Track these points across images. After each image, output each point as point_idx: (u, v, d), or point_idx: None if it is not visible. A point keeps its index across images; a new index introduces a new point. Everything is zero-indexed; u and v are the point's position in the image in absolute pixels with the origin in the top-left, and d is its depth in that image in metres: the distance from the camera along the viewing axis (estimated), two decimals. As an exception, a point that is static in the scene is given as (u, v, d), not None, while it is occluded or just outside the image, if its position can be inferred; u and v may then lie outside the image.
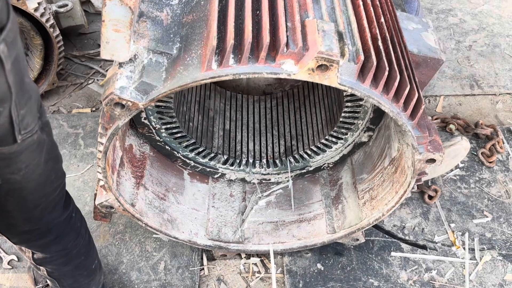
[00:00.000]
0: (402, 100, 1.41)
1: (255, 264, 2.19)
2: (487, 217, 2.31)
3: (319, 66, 1.26)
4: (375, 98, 1.37)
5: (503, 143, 2.58)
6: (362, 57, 1.32)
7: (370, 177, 2.01)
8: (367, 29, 1.42)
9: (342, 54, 1.31)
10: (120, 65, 1.40)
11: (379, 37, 1.43)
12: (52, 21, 2.54)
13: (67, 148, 2.61)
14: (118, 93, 1.34)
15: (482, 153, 2.52)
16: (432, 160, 1.59)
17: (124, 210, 1.84)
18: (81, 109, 2.81)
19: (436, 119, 2.66)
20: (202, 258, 2.21)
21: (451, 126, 2.60)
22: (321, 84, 2.31)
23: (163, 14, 1.48)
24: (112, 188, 1.73)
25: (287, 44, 1.28)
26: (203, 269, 2.17)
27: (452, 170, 2.48)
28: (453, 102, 2.82)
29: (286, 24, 1.33)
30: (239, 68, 1.28)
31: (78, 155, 2.58)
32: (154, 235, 2.26)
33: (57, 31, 2.58)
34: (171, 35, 1.44)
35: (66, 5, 2.76)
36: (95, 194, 1.84)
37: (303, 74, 1.28)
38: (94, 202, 1.85)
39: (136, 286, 2.10)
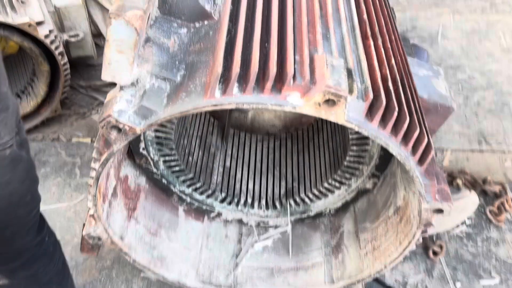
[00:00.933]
0: (411, 144, 1.35)
1: (247, 312, 2.06)
2: (494, 278, 2.18)
3: (326, 101, 1.21)
4: (383, 139, 1.31)
5: (512, 202, 2.49)
6: (371, 96, 1.27)
7: (374, 226, 1.92)
8: (377, 69, 1.38)
9: (351, 91, 1.26)
10: (121, 88, 1.36)
11: (389, 77, 1.39)
12: (61, 49, 2.54)
13: (62, 176, 2.54)
14: (116, 116, 1.29)
15: (490, 211, 2.43)
16: (440, 211, 1.51)
17: (112, 243, 1.75)
18: (81, 138, 2.76)
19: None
20: (190, 302, 2.07)
21: (458, 181, 2.52)
22: (327, 127, 2.27)
23: (170, 41, 1.45)
24: (102, 218, 1.64)
25: (294, 77, 1.24)
26: (191, 313, 2.04)
27: (458, 226, 2.38)
28: (460, 157, 2.75)
29: (294, 57, 1.29)
30: (243, 98, 1.23)
31: (72, 185, 2.51)
32: (142, 275, 2.14)
33: (65, 59, 2.58)
34: (176, 62, 1.41)
35: (78, 35, 2.78)
36: (84, 225, 1.75)
37: (309, 107, 1.23)
38: (82, 233, 1.76)
39: (117, 327, 1.97)
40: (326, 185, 2.03)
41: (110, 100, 1.34)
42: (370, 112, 1.30)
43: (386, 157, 1.86)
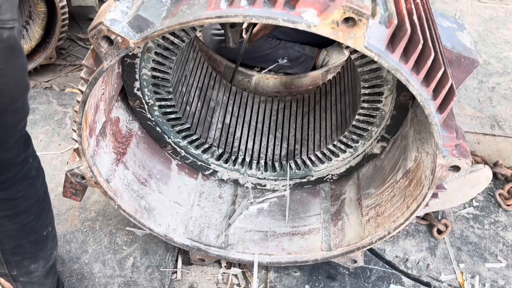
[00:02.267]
0: (433, 85, 1.22)
1: (235, 275, 1.93)
2: (501, 262, 2.05)
3: (346, 20, 1.07)
4: (404, 74, 1.17)
5: (523, 187, 2.36)
6: (395, 21, 1.13)
7: (379, 192, 1.79)
8: (402, 0, 1.24)
9: (373, 14, 1.13)
10: (117, -2, 1.22)
11: (414, 12, 1.25)
12: (60, -10, 2.40)
13: (51, 125, 2.41)
14: (108, 24, 1.15)
15: (499, 194, 2.29)
16: (457, 168, 1.37)
17: (97, 183, 1.61)
18: (74, 89, 2.62)
19: (452, 153, 2.44)
20: (176, 261, 1.94)
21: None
22: (335, 89, 2.13)
23: (175, -44, 1.31)
24: (86, 153, 1.50)
25: (311, -8, 1.10)
26: (175, 272, 1.91)
27: (465, 208, 2.25)
28: (472, 139, 2.62)
29: (312, -26, 1.15)
30: (251, 10, 1.09)
31: (61, 134, 2.37)
32: (127, 228, 2.01)
33: (64, 2, 2.44)
34: (180, -23, 1.27)
35: (80, -19, 2.64)
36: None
37: (325, 27, 1.09)
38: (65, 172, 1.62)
39: (97, 280, 1.83)
40: (331, 147, 1.89)
41: (103, 9, 1.20)
42: (392, 42, 1.17)
43: (398, 117, 1.73)
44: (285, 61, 2.82)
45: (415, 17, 1.23)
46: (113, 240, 1.96)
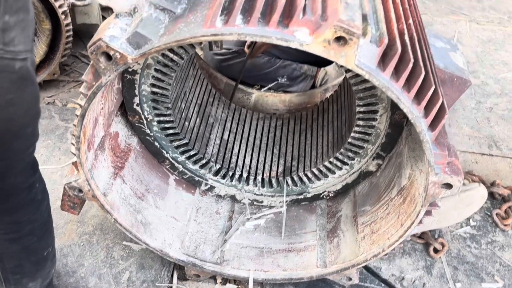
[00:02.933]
0: (424, 103, 1.24)
1: (231, 291, 1.93)
2: (498, 282, 2.04)
3: (337, 39, 1.10)
4: (395, 92, 1.20)
5: (521, 208, 2.36)
6: (386, 40, 1.17)
7: (374, 209, 1.80)
8: (393, 21, 1.28)
9: (364, 33, 1.16)
10: (117, 16, 1.26)
11: (406, 32, 1.28)
12: (65, 8, 2.46)
13: (52, 139, 2.44)
14: (107, 41, 1.19)
15: (497, 214, 2.30)
16: (449, 185, 1.39)
17: (94, 197, 1.63)
18: (76, 104, 2.65)
19: (449, 172, 2.45)
20: (172, 276, 1.95)
21: (465, 181, 2.39)
22: (333, 107, 2.16)
23: (174, -24, 1.36)
24: (84, 166, 1.53)
25: (304, 11, 1.14)
26: (171, 287, 1.91)
27: (462, 227, 2.25)
28: (469, 159, 2.63)
29: (306, -5, 1.19)
30: (246, 29, 1.13)
31: (62, 148, 2.40)
32: (124, 242, 2.02)
33: (68, 20, 2.49)
34: (179, -4, 1.31)
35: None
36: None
37: (317, 46, 1.12)
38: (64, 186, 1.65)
39: (92, 294, 1.84)
40: (327, 164, 1.91)
41: (103, 26, 1.24)
42: (383, 60, 1.20)
43: (393, 135, 1.75)
44: (285, 79, 2.86)
45: (406, 37, 1.26)
46: (110, 254, 1.97)
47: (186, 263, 1.86)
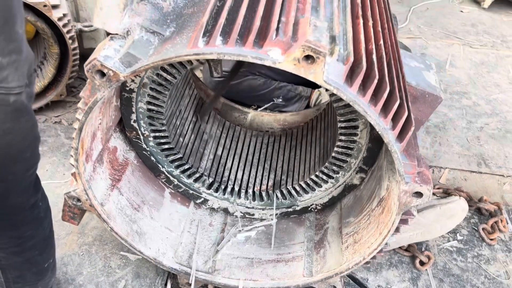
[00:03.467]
0: (390, 116, 1.35)
1: (221, 300, 2.01)
2: (482, 294, 2.10)
3: (306, 57, 1.23)
4: (361, 105, 1.31)
5: (507, 223, 2.43)
6: (351, 59, 1.28)
7: (357, 220, 1.89)
8: (362, 41, 1.40)
9: (331, 53, 1.28)
10: (111, 38, 1.40)
11: (374, 52, 1.40)
12: (73, 33, 2.62)
13: (58, 156, 2.58)
14: (102, 60, 1.32)
15: (483, 228, 2.36)
16: (420, 194, 1.48)
17: (91, 206, 1.75)
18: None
19: (438, 188, 2.54)
20: (166, 284, 2.04)
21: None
22: (320, 124, 2.27)
23: (165, 3, 1.50)
24: (82, 177, 1.65)
25: (276, 33, 1.26)
26: (164, 295, 2.00)
27: (449, 241, 2.32)
28: (458, 176, 2.72)
29: (279, 19, 1.32)
30: (225, 49, 1.26)
31: (67, 165, 2.53)
32: (121, 252, 2.12)
33: (75, 44, 2.66)
34: (168, 21, 1.45)
35: (91, 25, 2.87)
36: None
37: (289, 63, 1.25)
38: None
39: (89, 301, 1.94)
40: (313, 177, 2.01)
41: (99, 47, 1.38)
42: (351, 78, 1.31)
43: (374, 149, 1.85)
44: (280, 100, 2.99)
45: (374, 56, 1.38)
46: (107, 263, 2.08)
47: (179, 271, 1.96)
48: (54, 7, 2.53)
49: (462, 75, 3.57)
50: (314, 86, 3.02)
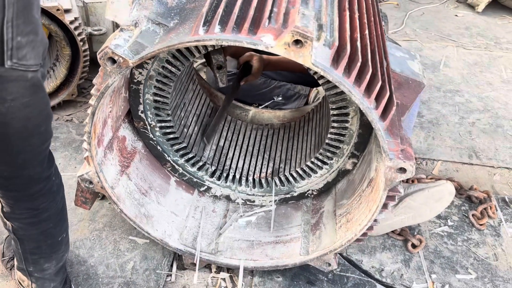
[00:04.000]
0: (373, 96, 1.49)
1: (224, 279, 2.14)
2: (471, 274, 2.22)
3: (295, 42, 1.37)
4: (346, 86, 1.45)
5: (496, 210, 2.54)
6: (336, 43, 1.43)
7: (349, 202, 2.01)
8: (347, 30, 1.54)
9: (318, 38, 1.43)
10: (121, 29, 1.55)
11: (359, 39, 1.55)
12: (83, 36, 2.80)
13: (69, 151, 2.73)
14: (113, 48, 1.48)
15: (473, 214, 2.48)
16: (403, 170, 1.61)
17: (102, 188, 1.89)
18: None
19: (430, 178, 2.66)
20: (172, 265, 2.17)
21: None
22: (316, 116, 2.41)
23: (169, -1, 1.66)
24: (94, 160, 1.80)
25: (269, 22, 1.41)
26: (170, 275, 2.13)
27: (440, 226, 2.44)
28: (451, 167, 2.84)
29: (272, 9, 1.48)
30: (222, 36, 1.41)
31: (78, 159, 2.68)
32: (130, 237, 2.26)
33: (86, 46, 2.83)
34: (172, 14, 1.61)
35: (101, 29, 3.05)
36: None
37: (280, 48, 1.39)
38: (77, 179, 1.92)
39: (100, 280, 2.07)
40: (309, 163, 2.15)
41: (110, 38, 1.54)
42: (337, 61, 1.46)
43: (364, 135, 1.99)
44: (280, 98, 3.13)
45: (358, 43, 1.52)
46: (117, 247, 2.21)
47: (184, 252, 2.09)
48: (66, 11, 2.70)
49: (455, 74, 3.71)
50: (312, 84, 3.17)
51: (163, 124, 2.10)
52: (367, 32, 1.66)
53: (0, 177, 1.54)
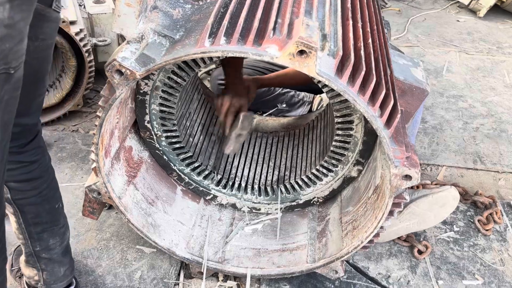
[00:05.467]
0: (377, 104, 1.50)
1: (231, 287, 2.14)
2: (478, 280, 2.22)
3: (299, 52, 1.39)
4: (351, 95, 1.47)
5: (502, 215, 2.54)
6: (340, 53, 1.45)
7: (355, 209, 2.02)
8: (351, 39, 1.56)
9: (322, 48, 1.45)
10: (128, 42, 1.58)
11: (362, 48, 1.57)
12: (88, 47, 2.83)
13: (76, 161, 2.75)
14: (120, 60, 1.50)
15: (478, 220, 2.48)
16: (409, 177, 1.62)
17: (110, 198, 1.91)
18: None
19: (435, 184, 2.67)
20: (179, 274, 2.18)
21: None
22: (320, 124, 2.43)
23: (175, 11, 1.68)
24: (102, 170, 1.81)
25: (273, 33, 1.43)
26: (177, 284, 2.14)
27: (446, 232, 2.44)
28: (455, 173, 2.85)
29: (276, 20, 1.50)
30: (228, 47, 1.43)
31: (84, 169, 2.70)
32: (137, 246, 2.28)
33: (91, 57, 2.86)
34: (178, 26, 1.63)
35: (106, 40, 3.08)
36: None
37: (285, 59, 1.41)
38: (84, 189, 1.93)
39: (108, 289, 2.08)
40: (314, 171, 2.16)
41: (117, 50, 1.56)
42: (341, 70, 1.47)
43: (369, 143, 2.00)
44: (284, 105, 3.15)
45: (362, 52, 1.54)
46: (124, 256, 2.22)
47: (191, 261, 2.10)
48: (72, 23, 2.73)
49: (458, 79, 3.72)
50: (316, 91, 3.19)
51: (169, 134, 2.12)
52: (370, 40, 1.67)
53: None
